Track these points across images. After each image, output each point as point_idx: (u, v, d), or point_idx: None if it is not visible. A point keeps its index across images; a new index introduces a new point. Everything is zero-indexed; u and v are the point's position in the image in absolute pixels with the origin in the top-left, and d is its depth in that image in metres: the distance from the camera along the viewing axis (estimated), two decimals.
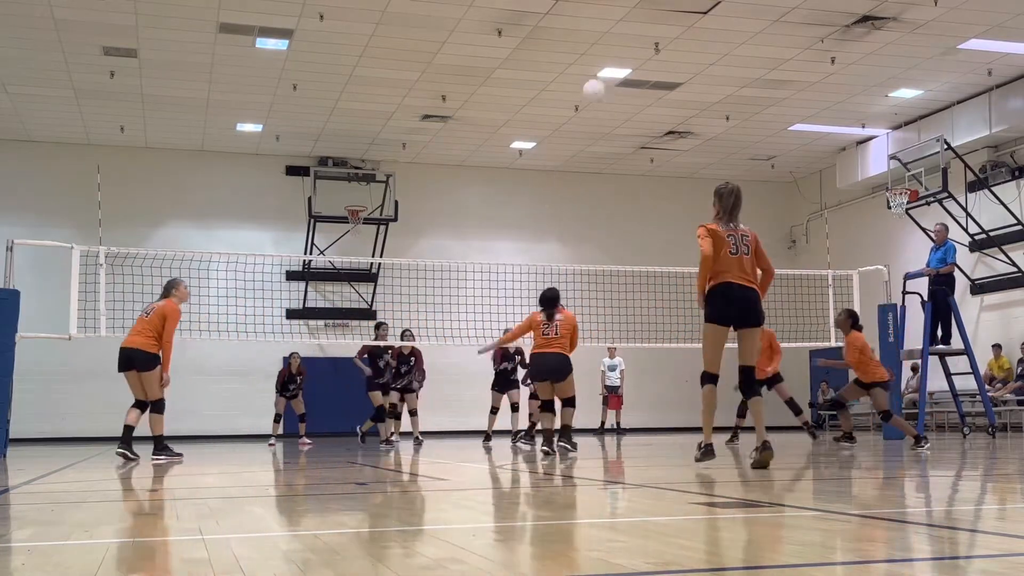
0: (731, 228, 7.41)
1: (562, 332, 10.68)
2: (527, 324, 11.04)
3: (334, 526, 4.47)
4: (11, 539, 3.96)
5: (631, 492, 6.10)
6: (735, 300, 7.26)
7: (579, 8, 15.09)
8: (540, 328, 10.75)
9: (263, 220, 22.73)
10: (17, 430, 14.30)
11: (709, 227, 7.41)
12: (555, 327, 10.68)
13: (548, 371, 10.72)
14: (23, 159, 21.55)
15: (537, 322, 10.80)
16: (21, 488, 7.03)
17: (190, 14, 15.26)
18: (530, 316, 11.05)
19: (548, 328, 10.70)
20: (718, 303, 7.28)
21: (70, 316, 13.16)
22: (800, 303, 18.08)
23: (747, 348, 7.38)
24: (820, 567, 2.97)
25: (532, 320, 10.92)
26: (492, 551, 3.48)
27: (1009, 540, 3.59)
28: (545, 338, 10.71)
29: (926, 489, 6.20)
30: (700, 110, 20.11)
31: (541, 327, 10.75)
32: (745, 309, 7.29)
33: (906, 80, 18.49)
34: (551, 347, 10.67)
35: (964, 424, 15.45)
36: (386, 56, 16.93)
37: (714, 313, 7.29)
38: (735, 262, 7.29)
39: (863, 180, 22.43)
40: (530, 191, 24.32)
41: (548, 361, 10.72)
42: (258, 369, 20.80)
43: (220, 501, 5.69)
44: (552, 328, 10.69)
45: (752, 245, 7.43)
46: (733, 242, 7.32)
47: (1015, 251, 19.05)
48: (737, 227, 7.43)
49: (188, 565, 3.22)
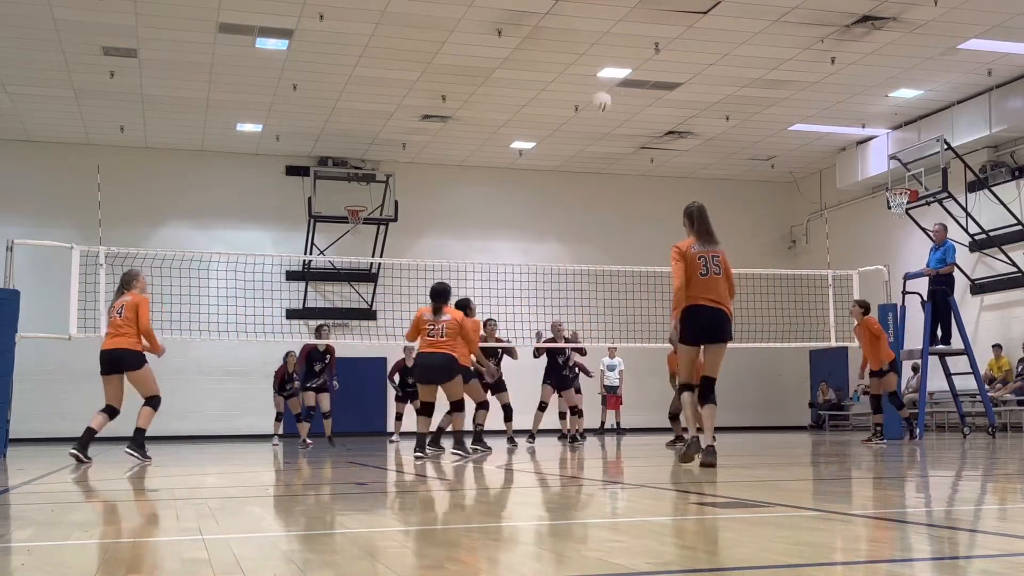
0: (704, 249, 7.80)
1: (447, 334, 10.09)
2: (415, 322, 10.34)
3: (334, 526, 4.47)
4: (11, 539, 3.96)
5: (631, 492, 6.10)
6: (703, 322, 7.74)
7: (579, 8, 15.09)
8: (426, 328, 10.16)
9: (263, 220, 22.73)
10: (17, 430, 14.30)
11: (681, 248, 7.84)
12: (440, 328, 10.09)
13: (432, 372, 10.17)
14: (23, 159, 21.54)
15: (424, 321, 10.20)
16: (21, 488, 7.03)
17: (190, 14, 15.26)
18: (417, 314, 10.37)
19: (433, 329, 10.11)
20: (688, 326, 7.78)
21: (70, 316, 13.16)
22: (800, 303, 18.07)
23: (712, 361, 7.87)
24: (820, 567, 2.97)
25: (419, 319, 10.28)
26: (492, 551, 3.48)
27: (1009, 540, 3.59)
28: (431, 339, 10.11)
29: (926, 489, 6.21)
30: (700, 110, 20.11)
31: (427, 327, 10.16)
32: (713, 328, 7.76)
33: (906, 80, 18.49)
34: (437, 347, 10.08)
35: (964, 424, 15.45)
36: (386, 56, 16.93)
37: (685, 335, 7.82)
38: (705, 284, 7.74)
39: (863, 180, 22.43)
40: (530, 191, 24.31)
41: (432, 361, 10.11)
42: (258, 369, 20.78)
43: (220, 501, 5.69)
44: (437, 329, 10.09)
45: (723, 265, 7.85)
46: (704, 263, 7.75)
47: (1015, 251, 19.05)
48: (710, 247, 7.83)
49: (188, 565, 3.22)
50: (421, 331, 10.19)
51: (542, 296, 19.14)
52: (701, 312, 7.72)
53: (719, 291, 7.77)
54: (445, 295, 10.28)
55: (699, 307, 7.73)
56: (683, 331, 7.81)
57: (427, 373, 10.24)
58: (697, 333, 7.79)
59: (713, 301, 7.73)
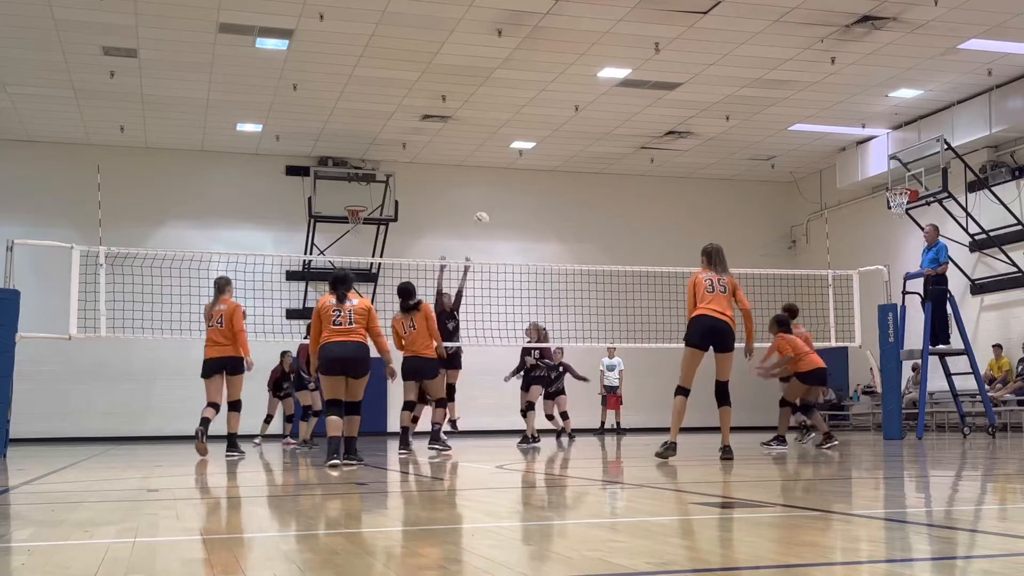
0: (713, 274, 9.15)
1: (356, 319, 8.89)
2: (316, 315, 9.04)
3: (334, 526, 4.47)
4: (11, 539, 3.96)
5: (631, 492, 6.09)
6: (705, 328, 8.92)
7: (579, 8, 15.09)
8: (331, 316, 8.90)
9: (263, 220, 22.73)
10: (17, 430, 14.30)
11: (693, 278, 9.21)
12: (348, 314, 8.89)
13: (345, 363, 8.87)
14: (23, 159, 21.53)
15: (327, 307, 8.95)
16: (21, 488, 7.04)
17: (190, 14, 15.25)
18: (318, 305, 9.08)
19: (339, 316, 8.88)
20: (694, 330, 9.00)
21: (70, 316, 13.16)
22: (800, 303, 18.00)
23: (721, 368, 9.07)
24: (820, 567, 2.97)
25: (321, 308, 9.00)
26: (492, 551, 3.48)
27: (1009, 540, 3.59)
28: (336, 327, 8.85)
29: (926, 489, 6.21)
30: (700, 110, 20.11)
31: (332, 315, 8.90)
32: (714, 336, 8.93)
33: (906, 80, 18.49)
34: (350, 336, 8.85)
35: (964, 424, 15.45)
36: (386, 56, 16.92)
37: (691, 338, 9.01)
38: (711, 298, 8.99)
39: (863, 180, 22.42)
40: (530, 191, 24.31)
41: (347, 350, 8.83)
42: (258, 369, 20.75)
43: (220, 501, 5.69)
44: (344, 315, 8.88)
45: (729, 287, 9.09)
46: (710, 283, 9.05)
47: (1015, 251, 19.04)
48: (719, 273, 9.15)
49: (188, 565, 3.23)
50: (324, 321, 9.02)
51: (542, 296, 19.14)
52: (706, 320, 8.90)
53: (723, 305, 8.96)
54: (346, 281, 9.15)
55: (704, 316, 8.92)
56: (689, 335, 9.01)
57: (339, 365, 8.95)
58: (701, 338, 8.92)
59: (717, 312, 8.91)
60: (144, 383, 21.50)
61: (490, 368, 17.22)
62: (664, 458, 8.78)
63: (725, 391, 9.08)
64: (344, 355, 8.80)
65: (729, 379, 9.11)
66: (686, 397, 8.95)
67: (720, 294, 9.00)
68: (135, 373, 21.42)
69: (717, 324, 8.89)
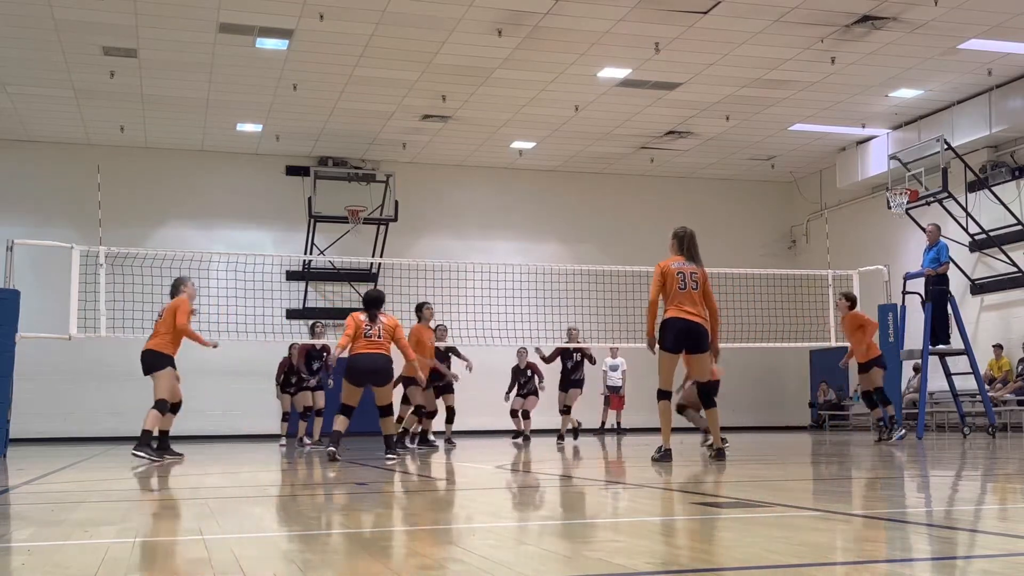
0: (684, 266, 8.65)
1: (384, 335, 9.93)
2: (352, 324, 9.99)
3: (334, 526, 4.47)
4: (11, 539, 3.96)
5: (631, 492, 6.09)
6: (678, 331, 8.58)
7: (579, 8, 15.09)
8: (363, 330, 9.92)
9: (263, 220, 22.73)
10: (17, 430, 14.30)
11: (663, 265, 8.68)
12: (379, 329, 9.92)
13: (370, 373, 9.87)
14: (23, 159, 21.53)
15: (361, 322, 9.95)
16: (21, 488, 7.04)
17: (190, 14, 15.25)
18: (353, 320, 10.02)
19: (371, 330, 9.90)
20: (665, 334, 8.63)
21: (70, 316, 13.16)
22: (800, 303, 18.09)
23: (696, 369, 8.90)
24: (820, 567, 2.97)
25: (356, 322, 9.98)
26: (492, 551, 3.48)
27: (1009, 540, 3.59)
28: (368, 339, 9.88)
29: (926, 489, 6.21)
30: (700, 110, 20.11)
31: (364, 328, 9.92)
32: (688, 338, 8.60)
33: (906, 80, 18.48)
34: (379, 348, 9.91)
35: (964, 424, 15.44)
36: (386, 56, 16.92)
37: (663, 342, 8.66)
38: (683, 296, 8.58)
39: (863, 180, 22.42)
40: (530, 191, 24.30)
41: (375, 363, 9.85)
42: (258, 369, 20.77)
43: (220, 501, 5.70)
44: (375, 330, 9.90)
45: (700, 282, 8.67)
46: (682, 279, 8.60)
47: (1015, 251, 19.04)
48: (690, 265, 8.67)
49: (188, 565, 3.23)
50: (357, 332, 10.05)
51: (542, 296, 19.15)
52: (678, 323, 8.56)
53: (696, 305, 8.61)
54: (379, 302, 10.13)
55: (676, 319, 8.57)
56: (662, 339, 8.65)
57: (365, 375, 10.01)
58: (675, 341, 8.60)
59: (689, 313, 8.56)
60: (144, 383, 21.38)
61: (489, 368, 17.21)
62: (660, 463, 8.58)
63: (709, 392, 8.90)
64: (372, 367, 9.81)
65: (710, 379, 8.89)
66: (669, 400, 8.82)
67: (692, 291, 8.58)
68: (135, 373, 21.23)
69: (692, 327, 8.56)
